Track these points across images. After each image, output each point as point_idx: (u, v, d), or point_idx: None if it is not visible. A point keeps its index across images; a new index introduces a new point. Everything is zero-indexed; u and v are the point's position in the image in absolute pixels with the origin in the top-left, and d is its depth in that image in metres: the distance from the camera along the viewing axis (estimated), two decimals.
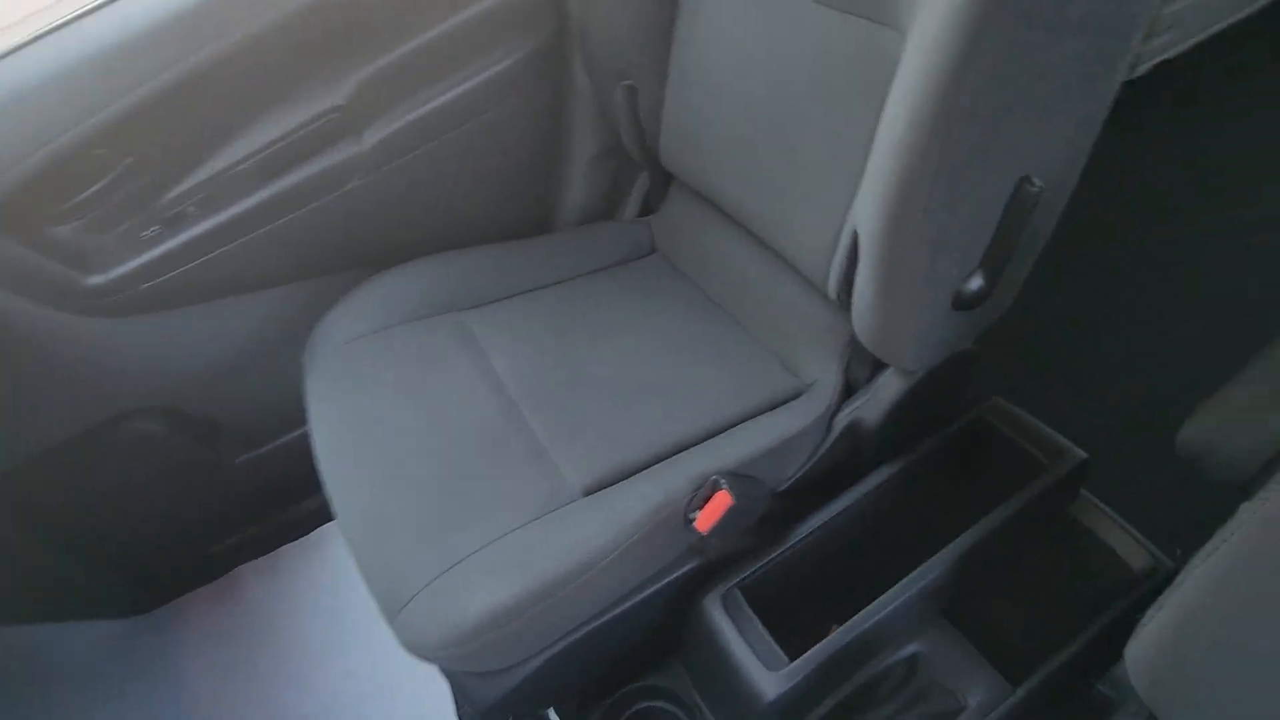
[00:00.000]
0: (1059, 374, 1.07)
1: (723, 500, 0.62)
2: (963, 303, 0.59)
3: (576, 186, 1.05)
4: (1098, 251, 1.23)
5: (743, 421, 0.73)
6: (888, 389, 0.70)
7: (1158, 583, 0.67)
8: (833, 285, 0.67)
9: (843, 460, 0.75)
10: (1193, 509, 0.78)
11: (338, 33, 0.77)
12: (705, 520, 0.63)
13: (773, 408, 0.74)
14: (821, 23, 0.61)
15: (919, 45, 0.46)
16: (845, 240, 0.63)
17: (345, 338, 0.81)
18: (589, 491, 0.67)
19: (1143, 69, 1.43)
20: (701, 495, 0.64)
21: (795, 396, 0.76)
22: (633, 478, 0.67)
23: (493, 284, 0.90)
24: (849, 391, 0.75)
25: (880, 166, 0.51)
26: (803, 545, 0.72)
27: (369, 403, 0.75)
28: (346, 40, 0.79)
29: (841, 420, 0.73)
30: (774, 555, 0.71)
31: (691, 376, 0.78)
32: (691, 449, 0.69)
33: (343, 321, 0.82)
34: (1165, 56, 1.44)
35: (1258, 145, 1.34)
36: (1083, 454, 0.71)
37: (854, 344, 0.71)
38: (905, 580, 0.68)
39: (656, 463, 0.68)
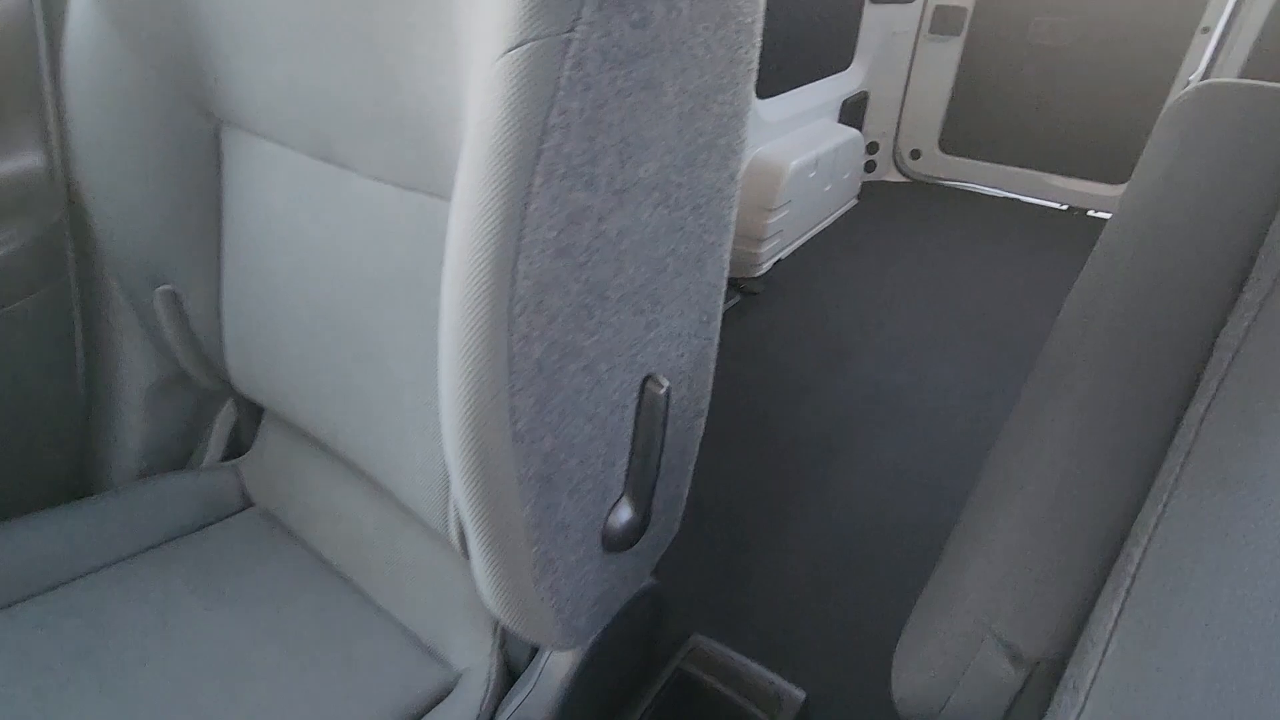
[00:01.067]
0: (754, 590, 0.93)
1: None
2: (616, 542, 0.44)
3: (129, 427, 0.75)
4: (758, 438, 1.25)
5: None
6: (555, 669, 0.50)
7: None
8: (453, 535, 0.48)
9: None
10: None
11: None
12: None
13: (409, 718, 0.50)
14: (380, 202, 0.47)
15: (461, 220, 0.33)
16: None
17: None
18: None
19: (765, 267, 1.69)
20: None
21: (443, 695, 0.53)
22: None
23: None
24: (511, 678, 0.53)
25: (451, 374, 0.35)
26: None
27: None
28: None
29: None
30: None
31: (286, 689, 0.50)
32: None
33: None
34: (779, 256, 1.73)
35: (856, 318, 1.60)
36: (801, 694, 0.58)
37: None
38: None
39: None
